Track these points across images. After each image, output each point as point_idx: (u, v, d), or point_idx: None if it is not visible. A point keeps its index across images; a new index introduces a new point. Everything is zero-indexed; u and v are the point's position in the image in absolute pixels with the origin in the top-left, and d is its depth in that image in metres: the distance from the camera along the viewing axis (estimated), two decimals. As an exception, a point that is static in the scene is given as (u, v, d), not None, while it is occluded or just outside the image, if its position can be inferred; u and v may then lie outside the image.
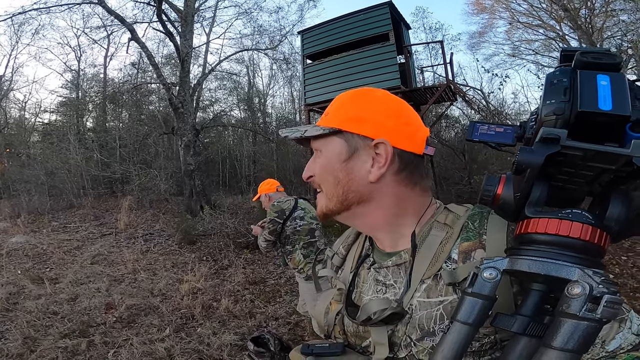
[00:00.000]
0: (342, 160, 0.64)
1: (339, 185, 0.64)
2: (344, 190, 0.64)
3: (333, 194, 0.65)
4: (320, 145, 0.67)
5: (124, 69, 19.29)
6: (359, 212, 0.66)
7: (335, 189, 0.65)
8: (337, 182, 0.65)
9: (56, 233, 8.68)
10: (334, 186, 0.65)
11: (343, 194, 0.64)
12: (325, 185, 0.67)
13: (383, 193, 0.64)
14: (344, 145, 0.64)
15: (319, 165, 0.67)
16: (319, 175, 0.67)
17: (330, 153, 0.65)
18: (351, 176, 0.64)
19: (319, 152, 0.67)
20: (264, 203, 3.19)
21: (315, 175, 0.68)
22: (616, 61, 0.43)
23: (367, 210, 0.66)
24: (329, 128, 0.65)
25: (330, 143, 0.66)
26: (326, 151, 0.66)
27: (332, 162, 0.65)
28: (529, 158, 0.42)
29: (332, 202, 0.66)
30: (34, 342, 3.42)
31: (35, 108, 20.27)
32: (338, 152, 0.65)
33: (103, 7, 9.60)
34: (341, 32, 8.18)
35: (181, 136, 10.08)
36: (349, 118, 0.65)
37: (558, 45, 13.77)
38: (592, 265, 0.42)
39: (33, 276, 5.39)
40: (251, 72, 20.33)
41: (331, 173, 0.65)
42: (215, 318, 3.97)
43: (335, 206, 0.66)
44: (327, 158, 0.66)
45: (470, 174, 10.18)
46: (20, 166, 14.31)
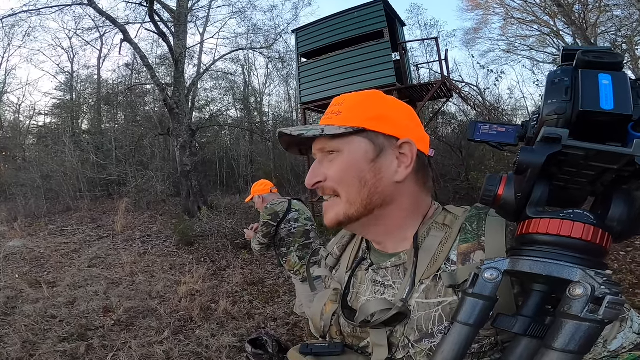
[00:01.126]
0: (370, 160, 0.62)
1: (366, 187, 0.61)
2: (369, 192, 0.61)
3: (357, 197, 0.62)
4: (339, 146, 0.62)
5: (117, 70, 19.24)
6: (380, 215, 0.64)
7: (360, 192, 0.61)
8: (364, 183, 0.61)
9: (53, 236, 8.66)
10: (360, 188, 0.61)
11: (368, 197, 0.61)
12: (347, 188, 0.62)
13: (403, 193, 0.64)
14: (369, 145, 0.62)
15: (338, 167, 0.62)
16: (339, 178, 0.62)
17: (355, 153, 0.62)
18: (379, 176, 0.62)
19: (337, 153, 0.63)
20: (257, 204, 3.16)
21: (329, 178, 0.63)
22: (618, 60, 0.42)
23: (387, 213, 0.64)
24: (351, 127, 0.61)
25: (352, 142, 0.62)
26: (350, 151, 0.62)
27: (358, 162, 0.62)
28: (530, 158, 0.42)
29: (354, 207, 0.62)
30: (33, 346, 3.42)
31: (30, 111, 20.20)
32: (364, 152, 0.62)
33: (94, 8, 9.55)
34: (336, 30, 8.17)
35: (177, 137, 10.06)
36: (371, 117, 0.63)
37: (553, 41, 13.85)
38: (594, 265, 0.42)
39: (31, 280, 5.38)
40: (247, 71, 20.30)
41: (357, 174, 0.61)
42: (214, 320, 3.98)
43: (358, 211, 0.62)
44: (352, 158, 0.62)
45: (467, 170, 10.21)
46: (16, 169, 14.26)
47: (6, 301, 4.56)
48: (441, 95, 8.92)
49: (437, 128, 12.85)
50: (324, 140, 0.63)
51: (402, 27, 9.14)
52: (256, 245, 3.00)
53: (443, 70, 8.04)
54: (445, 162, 11.89)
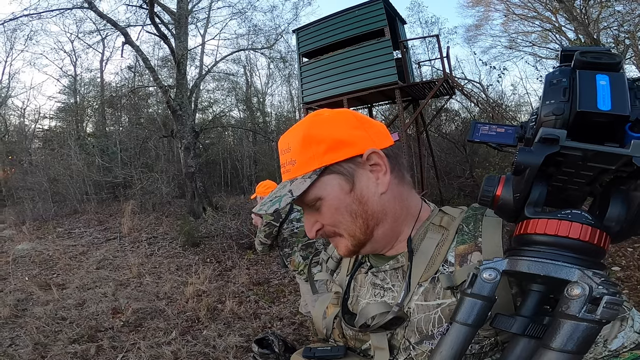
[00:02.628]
0: (349, 192, 0.61)
1: (358, 217, 0.62)
2: (363, 220, 0.62)
3: (354, 230, 0.62)
4: (315, 193, 0.61)
5: (120, 73, 19.34)
6: (381, 232, 0.64)
7: (355, 224, 0.62)
8: (355, 215, 0.62)
9: (61, 239, 8.76)
10: (353, 222, 0.62)
11: (364, 224, 0.62)
12: (344, 227, 0.63)
13: (392, 200, 0.63)
14: (340, 178, 0.61)
15: (326, 212, 0.62)
16: (332, 221, 0.63)
17: (333, 193, 0.61)
18: (364, 201, 0.61)
19: (319, 200, 0.61)
20: None
21: (325, 224, 0.64)
22: (616, 61, 0.42)
23: (387, 226, 0.64)
24: (312, 173, 0.60)
25: (325, 185, 0.61)
26: (327, 194, 0.61)
27: (341, 201, 0.61)
28: (528, 158, 0.42)
29: (355, 239, 0.63)
30: (44, 347, 3.48)
31: (35, 114, 20.37)
32: (339, 188, 0.61)
33: (94, 11, 9.59)
34: (336, 29, 8.16)
35: (181, 138, 10.12)
36: (323, 151, 0.60)
37: (555, 36, 13.74)
38: (592, 266, 0.42)
39: (40, 282, 5.46)
40: (248, 71, 20.34)
41: (345, 211, 0.61)
42: (220, 320, 4.02)
43: (360, 240, 0.63)
44: (333, 200, 0.61)
45: (471, 167, 10.18)
46: (23, 173, 14.39)
47: (17, 303, 4.64)
48: (443, 92, 8.89)
49: (440, 125, 12.82)
50: (302, 201, 0.62)
51: (403, 25, 9.11)
52: (258, 245, 3.04)
53: (445, 68, 8.01)
54: (450, 159, 11.86)
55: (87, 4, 9.43)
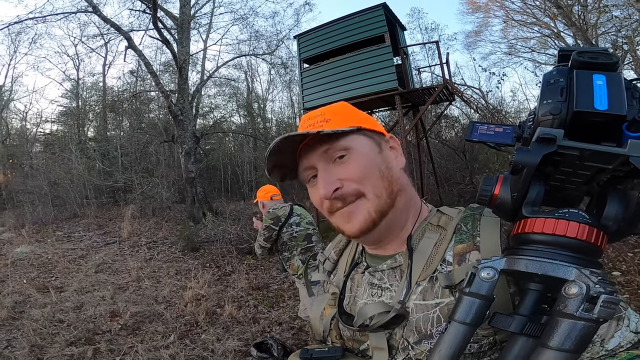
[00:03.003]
0: (378, 152, 0.65)
1: (384, 177, 0.62)
2: (389, 181, 0.62)
3: (382, 189, 0.62)
4: (348, 144, 0.62)
5: (122, 77, 19.45)
6: (401, 204, 0.64)
7: (382, 183, 0.62)
8: (382, 175, 0.62)
9: (60, 242, 8.74)
10: (381, 180, 0.62)
11: (389, 186, 0.62)
12: (372, 182, 0.61)
13: (406, 180, 0.67)
14: (370, 141, 0.65)
15: (356, 165, 0.61)
16: (361, 176, 0.61)
17: (365, 148, 0.63)
18: (389, 165, 0.64)
19: (348, 153, 0.62)
20: (260, 209, 3.27)
21: (349, 180, 0.61)
22: (613, 61, 0.42)
23: (405, 200, 0.65)
24: (351, 127, 0.62)
25: (359, 140, 0.63)
26: (359, 147, 0.63)
27: (371, 156, 0.63)
28: (526, 158, 0.42)
29: (382, 200, 0.61)
30: (41, 350, 3.46)
31: (36, 118, 20.47)
32: (371, 146, 0.64)
33: (99, 15, 9.69)
34: (337, 35, 8.23)
35: (181, 144, 10.15)
36: (360, 119, 0.66)
37: (554, 42, 13.84)
38: (589, 265, 0.42)
39: (38, 285, 5.44)
40: (250, 77, 20.47)
41: (375, 166, 0.62)
42: (219, 324, 4.00)
43: (386, 203, 0.62)
44: (365, 154, 0.63)
45: (471, 174, 10.19)
46: (24, 177, 14.42)
47: (14, 306, 4.62)
48: (443, 98, 8.93)
49: (440, 132, 12.86)
50: (326, 145, 0.61)
51: (403, 31, 9.19)
52: (258, 248, 3.06)
53: (444, 74, 8.06)
54: (450, 165, 11.87)
55: (91, 8, 9.53)
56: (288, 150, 0.63)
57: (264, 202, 3.20)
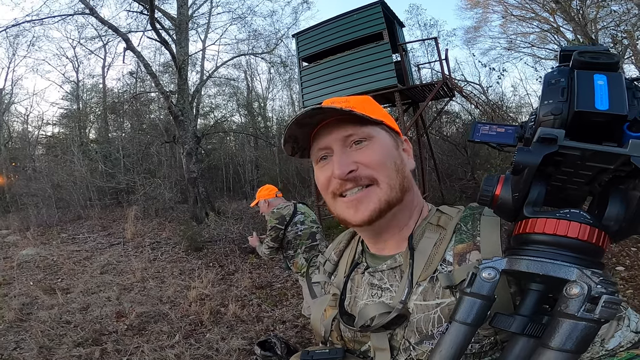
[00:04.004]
0: (396, 148, 0.67)
1: (399, 171, 0.65)
2: (402, 176, 0.65)
3: (395, 181, 0.64)
4: (371, 132, 0.64)
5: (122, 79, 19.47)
6: (407, 201, 0.66)
7: (397, 175, 0.64)
8: (397, 168, 0.64)
9: (65, 244, 8.81)
10: (396, 172, 0.64)
11: (402, 181, 0.64)
12: (388, 172, 0.63)
13: (413, 181, 0.69)
14: (389, 136, 0.67)
15: (376, 152, 0.63)
16: (379, 163, 0.63)
17: (385, 140, 0.66)
18: (403, 163, 0.67)
19: (369, 140, 0.64)
20: (263, 209, 3.21)
21: (365, 165, 0.63)
22: (614, 60, 0.42)
23: (411, 198, 0.67)
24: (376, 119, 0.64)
25: (379, 131, 0.66)
26: (379, 138, 0.65)
27: (390, 149, 0.66)
28: (527, 158, 0.42)
29: (394, 190, 0.63)
30: (49, 351, 3.51)
31: (38, 121, 20.55)
32: (389, 140, 0.67)
33: (96, 17, 9.69)
34: (335, 33, 8.23)
35: (183, 144, 10.18)
36: (383, 114, 0.68)
37: (553, 37, 13.79)
38: (590, 265, 0.42)
39: (45, 287, 5.50)
40: (249, 76, 20.46)
41: (392, 159, 0.65)
42: (223, 323, 4.04)
43: (397, 195, 0.63)
44: (385, 144, 0.65)
45: (473, 169, 10.17)
46: (27, 180, 14.50)
47: (22, 307, 4.68)
48: (443, 94, 8.93)
49: (441, 127, 12.84)
50: (353, 128, 0.63)
51: (402, 28, 9.17)
52: (265, 249, 3.05)
53: (444, 70, 8.06)
54: (451, 161, 11.84)
55: (88, 10, 9.54)
56: (307, 126, 0.64)
57: (269, 200, 3.17)
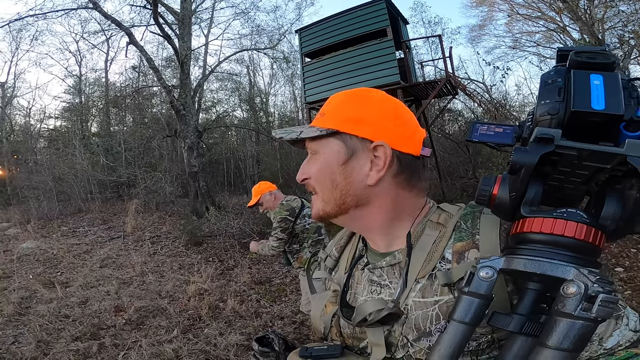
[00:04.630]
0: (340, 163, 0.63)
1: (337, 189, 0.63)
2: (341, 194, 0.63)
3: (330, 197, 0.64)
4: (316, 147, 0.65)
5: (125, 73, 19.45)
6: (356, 216, 0.65)
7: (332, 193, 0.63)
8: (335, 185, 0.63)
9: (65, 238, 8.83)
10: (331, 190, 0.63)
11: (340, 198, 0.63)
12: (322, 188, 0.65)
13: (381, 196, 0.63)
14: (342, 147, 0.63)
15: (315, 167, 0.65)
16: (315, 178, 0.65)
17: (328, 155, 0.63)
18: (349, 179, 0.62)
19: (316, 154, 0.65)
20: (268, 203, 3.01)
21: (311, 177, 0.66)
22: (610, 60, 0.43)
23: (364, 213, 0.65)
24: (325, 129, 0.63)
25: (327, 145, 0.64)
26: (323, 153, 0.64)
27: (329, 165, 0.63)
28: (524, 158, 0.42)
29: (328, 206, 0.65)
30: (47, 345, 3.51)
31: (40, 114, 20.58)
32: (336, 154, 0.63)
33: (99, 11, 9.64)
34: (338, 29, 8.18)
35: (184, 138, 10.17)
36: (347, 119, 0.63)
37: (559, 36, 13.65)
38: (587, 264, 0.42)
39: (44, 280, 5.51)
40: (252, 72, 20.40)
41: (329, 176, 0.63)
42: (222, 318, 4.04)
43: (332, 210, 0.64)
44: (324, 160, 0.64)
45: (475, 168, 10.13)
46: (28, 172, 14.54)
47: (20, 301, 4.68)
48: (446, 92, 8.88)
49: (443, 125, 12.79)
50: (308, 141, 0.67)
51: (405, 25, 9.11)
52: (274, 242, 2.89)
53: (447, 68, 8.00)
54: (453, 159, 11.81)
55: (91, 4, 9.49)
56: None
57: (274, 192, 3.02)
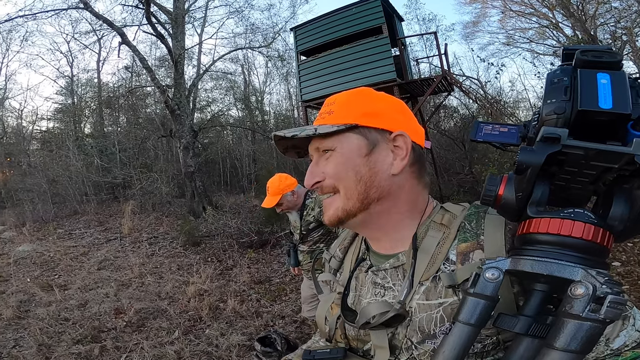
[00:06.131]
0: (364, 155, 0.63)
1: (361, 181, 0.62)
2: (366, 186, 0.62)
3: (354, 192, 0.62)
4: (332, 144, 0.64)
5: (117, 73, 19.29)
6: (376, 211, 0.64)
7: (356, 186, 0.62)
8: (359, 178, 0.62)
9: (62, 240, 8.76)
10: (356, 183, 0.62)
11: (365, 191, 0.62)
12: (345, 183, 0.63)
13: (400, 186, 0.64)
14: (362, 140, 0.63)
15: (334, 164, 0.63)
16: (335, 175, 0.63)
17: (348, 149, 0.63)
18: (374, 170, 0.63)
19: (333, 151, 0.64)
20: (289, 203, 2.68)
21: (327, 176, 0.64)
22: (617, 59, 0.42)
23: (384, 207, 0.64)
24: (343, 124, 0.63)
25: (346, 140, 0.63)
26: (342, 148, 0.63)
27: (351, 158, 0.63)
28: (530, 158, 0.42)
29: (351, 202, 0.63)
30: (49, 349, 3.50)
31: (32, 116, 20.30)
32: (357, 148, 0.63)
33: (90, 11, 9.51)
34: (334, 27, 8.16)
35: (179, 138, 10.11)
36: (363, 113, 0.64)
37: (552, 33, 13.71)
38: (595, 265, 0.42)
39: (42, 283, 5.47)
40: (246, 70, 20.29)
41: (352, 169, 0.62)
42: (223, 319, 4.04)
43: (355, 206, 0.63)
44: (345, 154, 0.63)
45: (471, 164, 10.18)
46: (22, 175, 14.38)
47: (19, 305, 4.65)
48: (442, 89, 8.90)
49: (439, 122, 12.83)
50: (319, 140, 0.65)
51: (401, 22, 9.10)
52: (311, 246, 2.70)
53: (443, 65, 8.03)
54: (449, 155, 11.86)
55: (82, 4, 9.37)
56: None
57: (297, 189, 2.70)
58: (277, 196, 2.63)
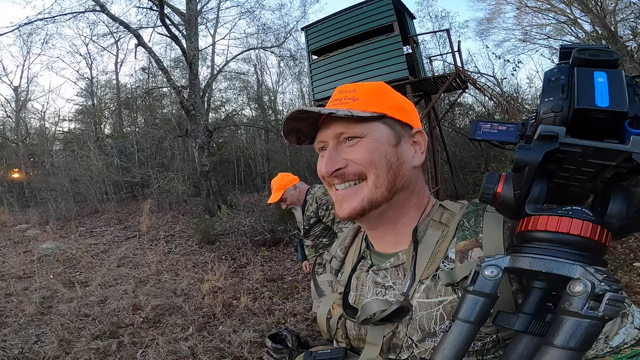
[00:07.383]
0: (393, 145, 0.64)
1: (392, 169, 0.63)
2: (394, 175, 0.63)
3: (384, 179, 0.62)
4: (362, 130, 0.62)
5: (134, 75, 19.69)
6: (398, 201, 0.65)
7: (387, 174, 0.62)
8: (390, 166, 0.63)
9: (83, 238, 9.06)
10: (387, 170, 0.62)
11: (393, 179, 0.63)
12: (376, 171, 0.62)
13: (417, 179, 0.67)
14: (390, 131, 0.64)
15: (366, 149, 0.62)
16: (368, 161, 0.62)
17: (380, 137, 0.63)
18: (402, 160, 0.64)
19: (360, 138, 0.63)
20: (292, 198, 2.83)
21: (355, 162, 0.63)
22: (613, 58, 0.42)
23: (403, 198, 0.65)
24: (376, 112, 0.63)
25: (376, 128, 0.63)
26: (373, 135, 0.63)
27: (383, 146, 0.63)
28: (528, 156, 0.42)
29: (379, 190, 0.62)
30: (69, 344, 3.62)
31: (54, 117, 21.01)
32: (387, 137, 0.64)
33: (107, 14, 9.77)
34: (345, 25, 8.15)
35: (195, 138, 10.29)
36: (390, 105, 0.65)
37: (570, 29, 13.26)
38: (593, 262, 0.42)
39: (65, 280, 5.67)
40: (259, 70, 20.41)
41: (384, 157, 0.62)
42: (236, 316, 4.11)
43: (382, 195, 0.63)
44: (376, 142, 0.63)
45: (487, 162, 9.99)
46: (45, 175, 14.92)
47: (42, 301, 4.83)
48: (456, 86, 8.77)
49: (454, 120, 12.64)
50: (345, 125, 0.63)
51: (412, 19, 9.00)
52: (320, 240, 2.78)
53: (456, 62, 7.90)
54: (464, 154, 11.65)
55: (98, 7, 9.64)
56: (308, 119, 0.66)
57: (299, 185, 2.86)
58: (280, 191, 2.79)
